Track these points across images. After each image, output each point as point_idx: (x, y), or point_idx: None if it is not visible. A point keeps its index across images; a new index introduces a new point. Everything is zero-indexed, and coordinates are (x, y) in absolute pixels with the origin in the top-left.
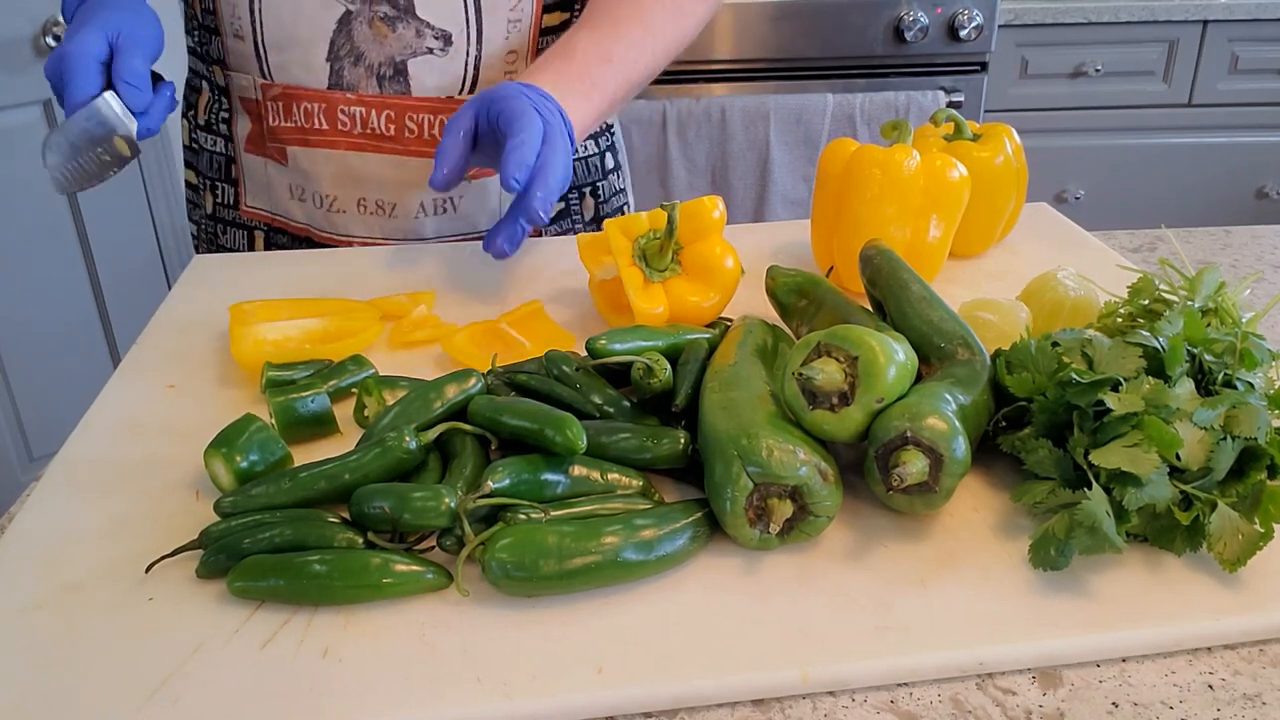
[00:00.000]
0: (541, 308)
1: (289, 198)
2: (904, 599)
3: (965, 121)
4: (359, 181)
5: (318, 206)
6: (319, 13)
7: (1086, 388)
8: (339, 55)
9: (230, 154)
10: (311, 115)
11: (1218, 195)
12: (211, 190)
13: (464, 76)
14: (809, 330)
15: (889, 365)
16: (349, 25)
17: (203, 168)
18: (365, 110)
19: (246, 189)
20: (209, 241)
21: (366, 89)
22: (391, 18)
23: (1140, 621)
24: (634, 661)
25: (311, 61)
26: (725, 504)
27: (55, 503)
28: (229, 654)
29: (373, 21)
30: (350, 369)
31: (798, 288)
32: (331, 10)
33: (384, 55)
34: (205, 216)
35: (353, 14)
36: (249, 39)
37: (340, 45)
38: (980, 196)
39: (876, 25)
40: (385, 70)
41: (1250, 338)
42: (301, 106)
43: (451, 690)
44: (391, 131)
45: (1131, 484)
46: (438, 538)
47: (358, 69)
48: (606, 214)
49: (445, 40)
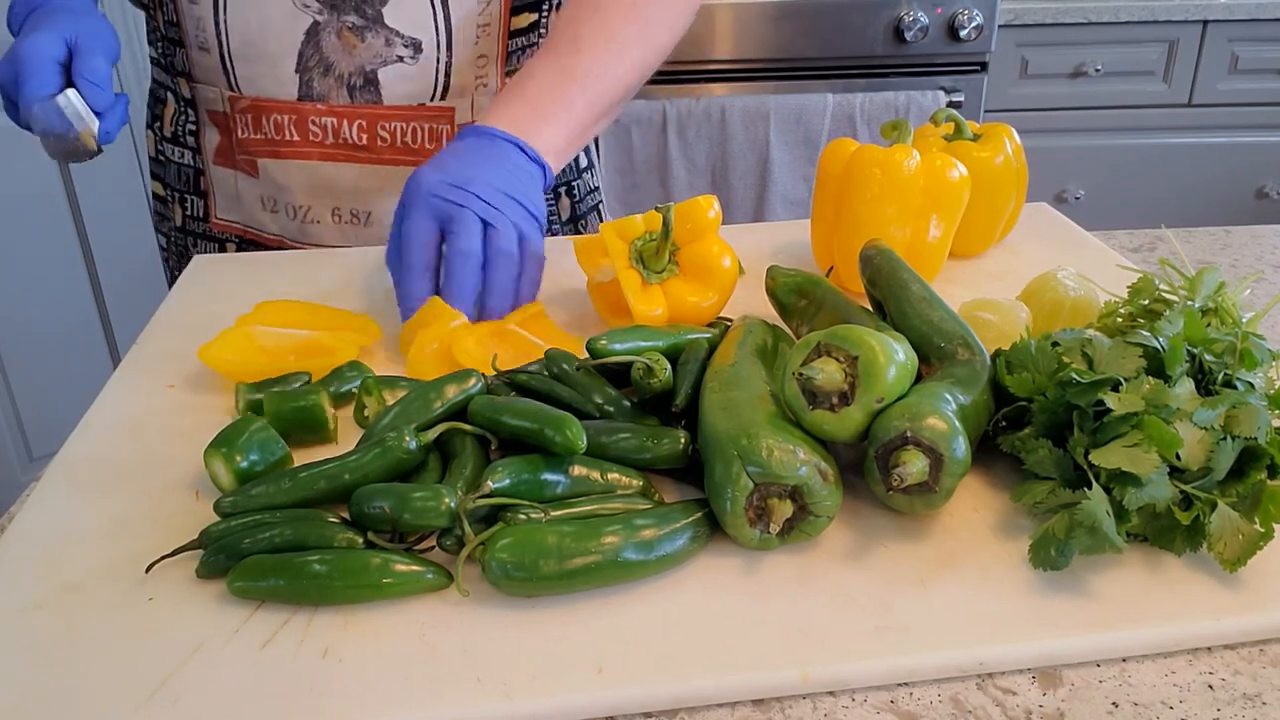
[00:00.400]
0: (543, 310)
1: (261, 209)
2: (904, 599)
3: (965, 121)
4: (333, 192)
5: (291, 218)
6: (286, 24)
7: (1086, 388)
8: (308, 66)
9: (199, 166)
10: (282, 127)
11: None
12: (180, 203)
13: (435, 83)
14: (809, 330)
15: (889, 365)
16: (317, 36)
17: (170, 180)
18: (337, 120)
19: (217, 201)
20: (179, 254)
21: (337, 99)
22: (360, 27)
23: (1140, 621)
24: (634, 661)
25: (280, 73)
26: (725, 504)
27: (55, 503)
28: (229, 654)
29: (341, 32)
30: (348, 374)
31: (798, 288)
32: (299, 21)
33: (354, 65)
34: (175, 229)
35: (320, 25)
36: (214, 51)
37: (309, 56)
38: (980, 196)
39: (876, 25)
40: (355, 80)
41: (1250, 338)
42: (271, 118)
43: (451, 690)
44: (364, 141)
45: (1131, 484)
46: (438, 538)
47: (327, 79)
48: (582, 213)
49: (415, 48)
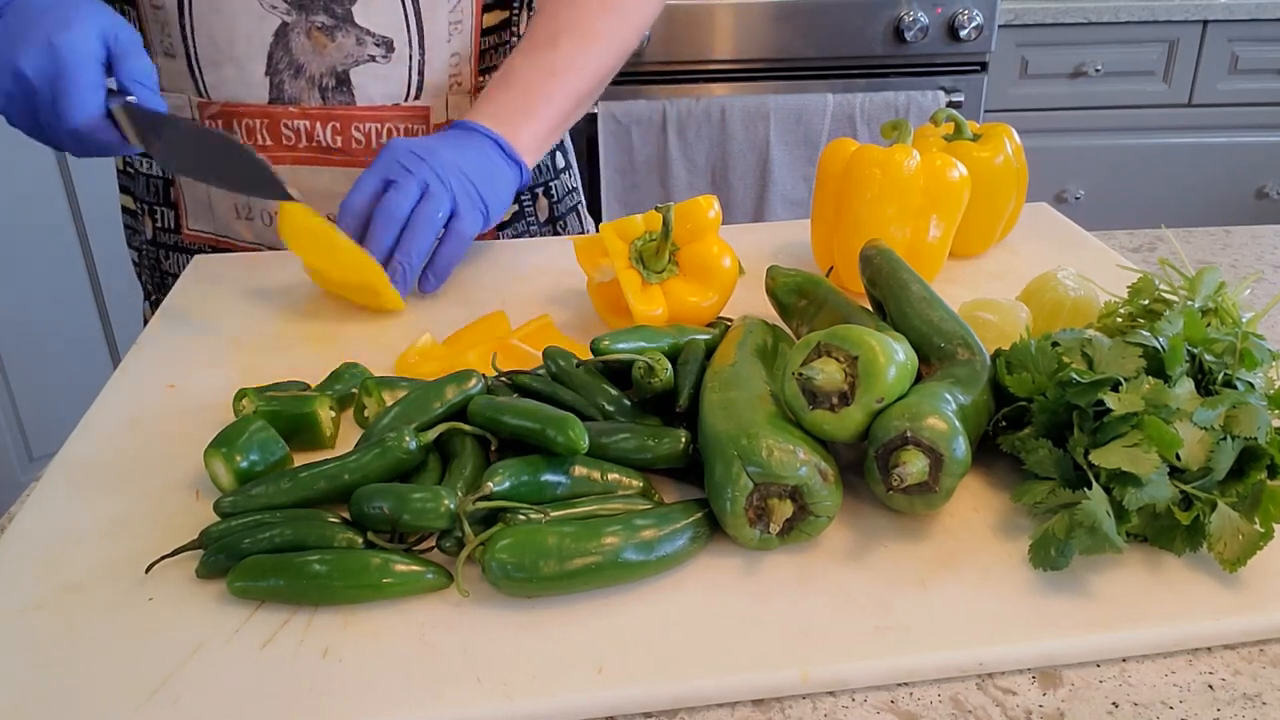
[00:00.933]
0: (551, 322)
1: (235, 217)
2: (904, 599)
3: (965, 121)
4: (308, 196)
5: (267, 224)
6: (254, 26)
7: (1086, 388)
8: (278, 69)
9: (167, 176)
10: (254, 131)
11: (1218, 195)
12: (150, 215)
13: (409, 82)
14: (809, 330)
15: (889, 365)
16: (286, 37)
17: (139, 192)
18: (310, 123)
19: (188, 211)
20: (151, 268)
21: (309, 101)
22: (329, 27)
23: (1140, 621)
24: (634, 661)
25: (249, 77)
26: (725, 504)
27: (55, 503)
28: (229, 654)
29: (310, 32)
30: (345, 376)
31: (798, 288)
32: (267, 23)
33: (325, 65)
34: (146, 242)
35: (289, 25)
36: (181, 57)
37: (279, 58)
38: (980, 196)
39: (876, 25)
40: (327, 81)
41: (1250, 338)
42: (243, 123)
43: (451, 690)
44: (339, 143)
45: (1131, 484)
46: (437, 539)
47: (299, 81)
48: (560, 214)
49: (387, 46)
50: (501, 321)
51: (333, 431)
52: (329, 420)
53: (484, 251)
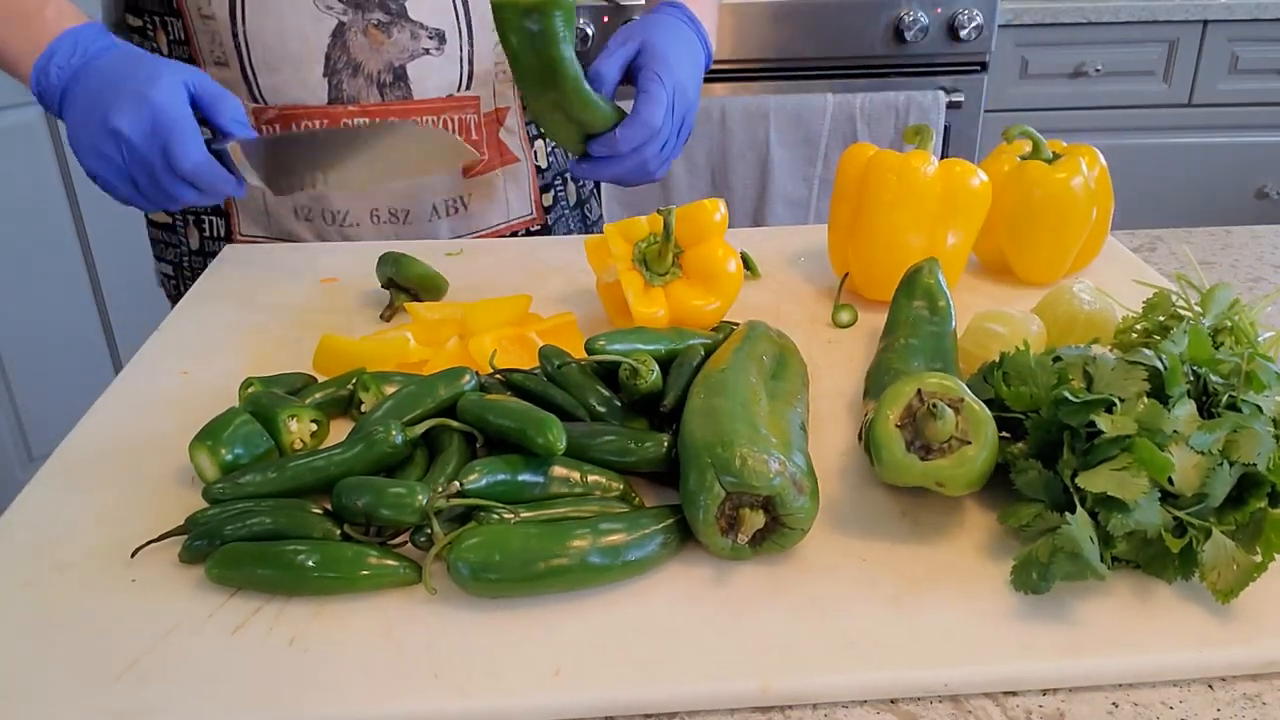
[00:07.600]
0: (574, 320)
1: (295, 220)
2: (877, 615)
3: (1043, 141)
4: (370, 193)
5: (329, 224)
6: (310, 28)
7: (1079, 408)
8: (336, 68)
9: None
10: None
11: (1218, 195)
12: (197, 225)
13: (460, 72)
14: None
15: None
16: (343, 36)
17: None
18: (370, 120)
19: (240, 219)
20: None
21: (368, 98)
22: (385, 23)
23: (1120, 650)
24: (592, 666)
25: (308, 78)
26: (697, 512)
27: (55, 485)
28: (200, 638)
29: (367, 29)
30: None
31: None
32: (323, 24)
33: (382, 62)
34: (191, 253)
35: (346, 24)
36: (234, 65)
37: (337, 58)
38: (1049, 221)
39: (876, 25)
40: (385, 77)
41: (1258, 358)
42: (302, 125)
43: (409, 686)
44: None
45: (1117, 509)
46: (411, 534)
47: (357, 79)
48: (585, 198)
49: (440, 39)
50: (524, 304)
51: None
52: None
53: (510, 248)
